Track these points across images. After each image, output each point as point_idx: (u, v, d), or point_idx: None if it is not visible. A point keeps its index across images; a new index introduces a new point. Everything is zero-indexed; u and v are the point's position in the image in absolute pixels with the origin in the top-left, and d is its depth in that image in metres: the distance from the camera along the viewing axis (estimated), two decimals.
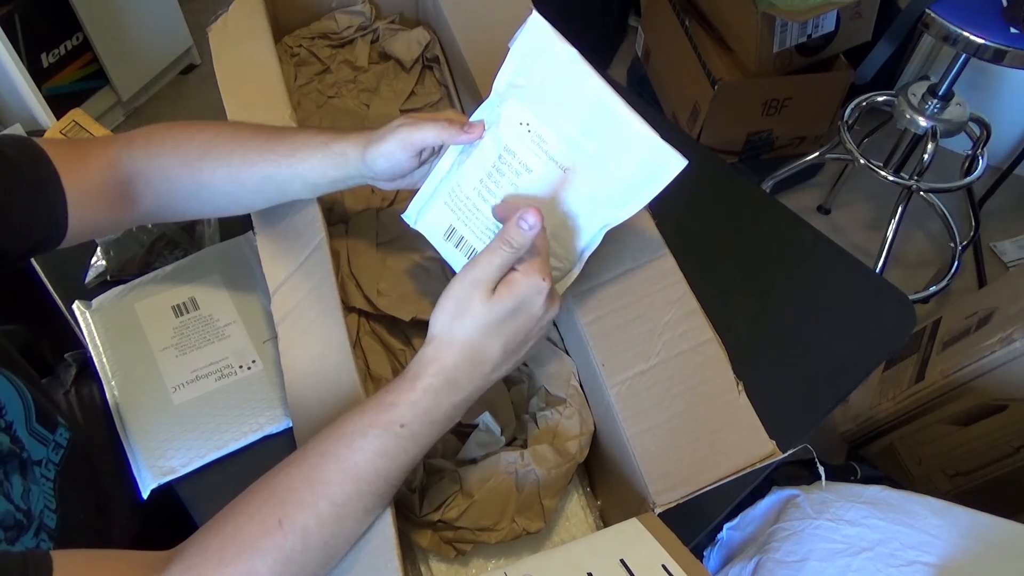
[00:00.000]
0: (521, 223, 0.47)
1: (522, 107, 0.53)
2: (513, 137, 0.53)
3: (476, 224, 0.55)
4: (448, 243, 0.58)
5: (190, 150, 0.61)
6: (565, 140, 0.52)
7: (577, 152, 0.52)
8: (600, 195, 0.52)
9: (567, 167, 0.52)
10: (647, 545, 0.48)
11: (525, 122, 0.53)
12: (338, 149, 0.58)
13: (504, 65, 0.54)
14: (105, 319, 0.73)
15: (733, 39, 1.65)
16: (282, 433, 0.67)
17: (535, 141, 0.52)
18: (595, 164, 0.52)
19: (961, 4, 1.22)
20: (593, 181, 0.52)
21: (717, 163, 0.96)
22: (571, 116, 0.52)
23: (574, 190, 0.52)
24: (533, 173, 0.53)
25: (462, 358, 0.48)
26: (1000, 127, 1.73)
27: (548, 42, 0.52)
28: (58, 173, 0.56)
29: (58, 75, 1.78)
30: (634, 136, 0.51)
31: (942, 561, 0.75)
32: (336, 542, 0.47)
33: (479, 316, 0.47)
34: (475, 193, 0.54)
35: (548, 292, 0.48)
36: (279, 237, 0.66)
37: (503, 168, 0.53)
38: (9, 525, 0.53)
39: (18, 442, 0.56)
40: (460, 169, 0.55)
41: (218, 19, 0.81)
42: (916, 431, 1.31)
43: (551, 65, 0.52)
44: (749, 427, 0.56)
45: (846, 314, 0.79)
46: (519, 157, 0.53)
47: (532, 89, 0.53)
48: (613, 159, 0.51)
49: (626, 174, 0.52)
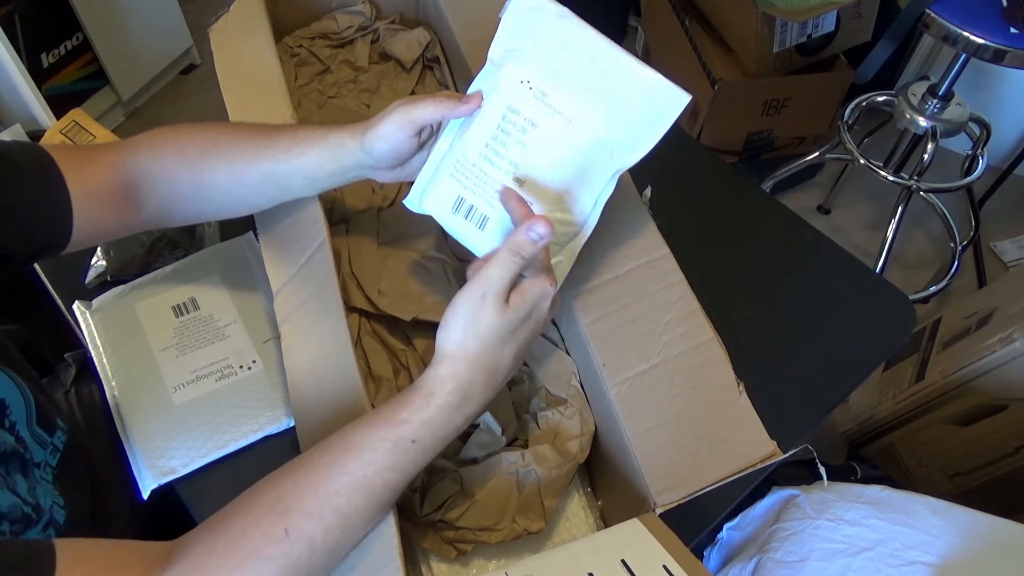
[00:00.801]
0: (530, 233, 0.47)
1: (520, 68, 0.53)
2: (516, 96, 0.53)
3: (484, 190, 0.54)
4: (457, 216, 0.56)
5: (191, 151, 0.61)
6: (567, 92, 0.52)
7: (581, 102, 0.52)
8: (609, 140, 0.52)
9: (572, 117, 0.52)
10: (648, 545, 0.48)
11: (526, 79, 0.53)
12: (336, 140, 0.59)
13: (497, 34, 0.54)
14: (105, 319, 0.73)
15: (733, 39, 1.65)
16: (283, 433, 0.67)
17: (538, 97, 0.52)
18: (600, 111, 0.52)
19: (961, 4, 1.23)
20: (600, 127, 0.52)
21: (717, 163, 0.96)
22: (570, 69, 0.52)
23: (582, 139, 0.52)
24: (539, 128, 0.52)
25: (479, 371, 0.49)
26: (1000, 127, 1.73)
27: (537, 3, 0.52)
28: (63, 178, 0.57)
29: (58, 75, 1.78)
30: (635, 77, 0.51)
31: (942, 561, 0.75)
32: (341, 548, 0.48)
33: (494, 328, 0.48)
34: (481, 158, 0.54)
35: (552, 296, 0.50)
36: (281, 238, 0.67)
37: (508, 128, 0.53)
38: (16, 518, 0.53)
39: (21, 442, 0.56)
40: (462, 139, 0.55)
41: (219, 19, 0.81)
42: (916, 431, 1.31)
43: (543, 24, 0.52)
44: (750, 427, 0.56)
45: (846, 314, 0.79)
46: (523, 114, 0.53)
47: (528, 50, 0.53)
48: (617, 104, 0.51)
49: (632, 116, 0.52)
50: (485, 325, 0.48)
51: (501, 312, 0.47)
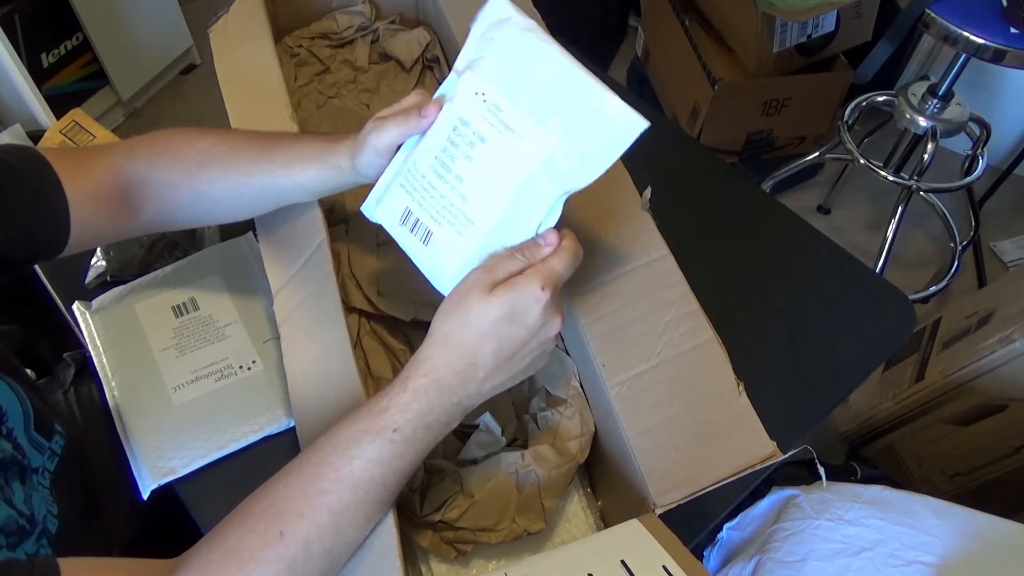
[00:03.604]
0: (539, 239, 0.48)
1: (478, 78, 0.51)
2: (467, 108, 0.52)
3: (430, 204, 0.53)
4: (404, 228, 0.55)
5: (188, 161, 0.61)
6: (521, 107, 0.50)
7: (534, 119, 0.50)
8: (558, 161, 0.49)
9: (523, 135, 0.50)
10: (648, 546, 0.48)
11: (480, 91, 0.51)
12: (332, 161, 0.58)
13: (465, 44, 0.53)
14: (105, 319, 0.73)
15: (733, 39, 1.65)
16: (282, 433, 0.67)
17: (490, 111, 0.51)
18: (552, 130, 0.49)
19: (961, 4, 1.22)
20: (551, 147, 0.49)
21: (717, 163, 0.96)
22: (528, 83, 0.50)
23: (530, 159, 0.50)
24: (487, 143, 0.51)
25: (453, 357, 0.48)
26: (1000, 127, 1.73)
27: (506, 14, 0.51)
28: (60, 181, 0.57)
29: (58, 75, 1.78)
30: (593, 99, 0.48)
31: (942, 561, 0.75)
32: (338, 549, 0.47)
33: (473, 314, 0.47)
34: (430, 170, 0.53)
35: (546, 304, 0.47)
36: (281, 239, 0.67)
37: (457, 140, 0.52)
38: (11, 531, 0.53)
39: (19, 449, 0.56)
40: (416, 150, 0.54)
41: (218, 19, 0.81)
42: (916, 431, 1.31)
43: (509, 35, 0.51)
44: (750, 427, 0.56)
45: (846, 314, 0.79)
46: (472, 127, 0.51)
47: (489, 60, 0.51)
48: (571, 124, 0.49)
49: (585, 139, 0.49)
50: (466, 310, 0.47)
51: (483, 301, 0.47)
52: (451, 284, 0.51)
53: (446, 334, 0.48)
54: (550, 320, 0.48)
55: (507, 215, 0.50)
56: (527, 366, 0.50)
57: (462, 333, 0.48)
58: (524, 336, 0.48)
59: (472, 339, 0.47)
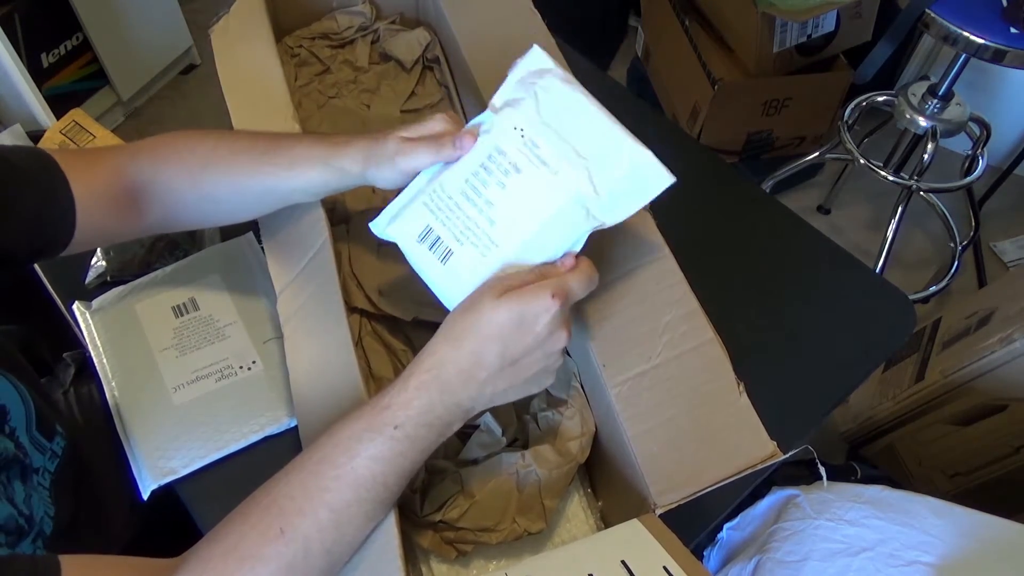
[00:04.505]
0: (557, 261, 0.50)
1: (517, 116, 0.54)
2: (506, 139, 0.53)
3: (455, 224, 0.54)
4: (422, 245, 0.56)
5: (193, 164, 0.61)
6: (557, 148, 0.52)
7: (568, 160, 0.52)
8: (588, 201, 0.52)
9: (557, 171, 0.52)
10: (648, 546, 0.48)
11: (519, 127, 0.53)
12: (337, 165, 0.58)
13: (502, 86, 0.55)
14: (105, 319, 0.73)
15: (733, 39, 1.65)
16: (283, 434, 0.67)
17: (527, 146, 0.53)
18: (585, 171, 0.52)
19: (961, 4, 1.23)
20: (582, 187, 0.52)
21: (717, 163, 0.96)
22: (565, 129, 0.53)
23: (562, 194, 0.52)
24: (522, 173, 0.53)
25: (458, 355, 0.48)
26: (1000, 127, 1.73)
27: (546, 65, 0.54)
28: (67, 179, 0.57)
29: (58, 75, 1.78)
30: (626, 150, 0.52)
31: (942, 561, 0.75)
32: (338, 548, 0.47)
33: (483, 315, 0.47)
34: (458, 192, 0.54)
35: (555, 314, 0.47)
36: (284, 239, 0.67)
37: (491, 167, 0.53)
38: (11, 530, 0.53)
39: (21, 448, 0.56)
40: (445, 171, 0.55)
41: (219, 20, 0.81)
42: (916, 431, 1.31)
43: (549, 84, 0.54)
44: (750, 428, 0.56)
45: (846, 314, 0.79)
46: (509, 157, 0.53)
47: (528, 102, 0.54)
48: (603, 169, 0.52)
49: (615, 184, 0.52)
50: (476, 312, 0.48)
51: (494, 303, 0.47)
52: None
53: (453, 333, 0.49)
54: (557, 331, 0.48)
55: (532, 242, 0.52)
56: (530, 378, 0.50)
57: (469, 333, 0.48)
58: (530, 343, 0.48)
59: (478, 339, 0.48)
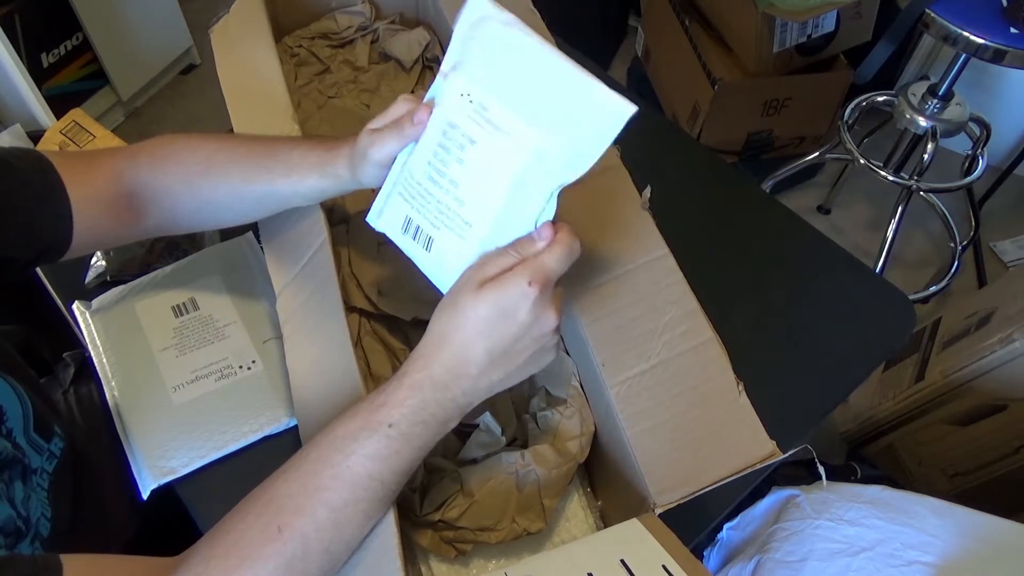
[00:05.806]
0: (534, 233, 0.48)
1: (462, 79, 0.51)
2: (454, 110, 0.51)
3: (429, 210, 0.53)
4: (406, 236, 0.55)
5: (192, 168, 0.61)
6: (507, 104, 0.50)
7: (521, 115, 0.49)
8: (549, 155, 0.49)
9: (511, 132, 0.50)
10: (647, 545, 0.48)
11: (466, 92, 0.51)
12: (331, 171, 0.59)
13: (449, 47, 0.52)
14: (105, 319, 0.73)
15: (733, 39, 1.65)
16: (283, 433, 0.67)
17: (477, 111, 0.50)
18: (540, 124, 0.49)
19: (961, 4, 1.22)
20: (540, 142, 0.49)
21: (717, 163, 0.96)
22: (512, 79, 0.50)
23: (521, 154, 0.49)
24: (477, 144, 0.50)
25: (446, 354, 0.48)
26: (1000, 127, 1.73)
27: (485, 12, 0.50)
28: (64, 184, 0.57)
29: (58, 75, 1.78)
30: (578, 88, 0.47)
31: (942, 561, 0.75)
32: (337, 547, 0.47)
33: (464, 312, 0.47)
34: (425, 177, 0.53)
35: (536, 299, 0.46)
36: (284, 240, 0.67)
37: (448, 144, 0.52)
38: (9, 531, 0.53)
39: (19, 449, 0.56)
40: (411, 157, 0.54)
41: (219, 20, 0.81)
42: (916, 431, 1.31)
43: (489, 33, 0.50)
44: (750, 427, 0.56)
45: (846, 314, 0.79)
46: (461, 129, 0.51)
47: (472, 59, 0.51)
48: (559, 116, 0.48)
49: (574, 129, 0.48)
50: (457, 308, 0.47)
51: (473, 298, 0.47)
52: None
53: (440, 332, 0.48)
54: (543, 315, 0.47)
55: (503, 215, 0.50)
56: (526, 361, 0.49)
57: (454, 331, 0.48)
58: (516, 332, 0.47)
59: (463, 337, 0.47)
